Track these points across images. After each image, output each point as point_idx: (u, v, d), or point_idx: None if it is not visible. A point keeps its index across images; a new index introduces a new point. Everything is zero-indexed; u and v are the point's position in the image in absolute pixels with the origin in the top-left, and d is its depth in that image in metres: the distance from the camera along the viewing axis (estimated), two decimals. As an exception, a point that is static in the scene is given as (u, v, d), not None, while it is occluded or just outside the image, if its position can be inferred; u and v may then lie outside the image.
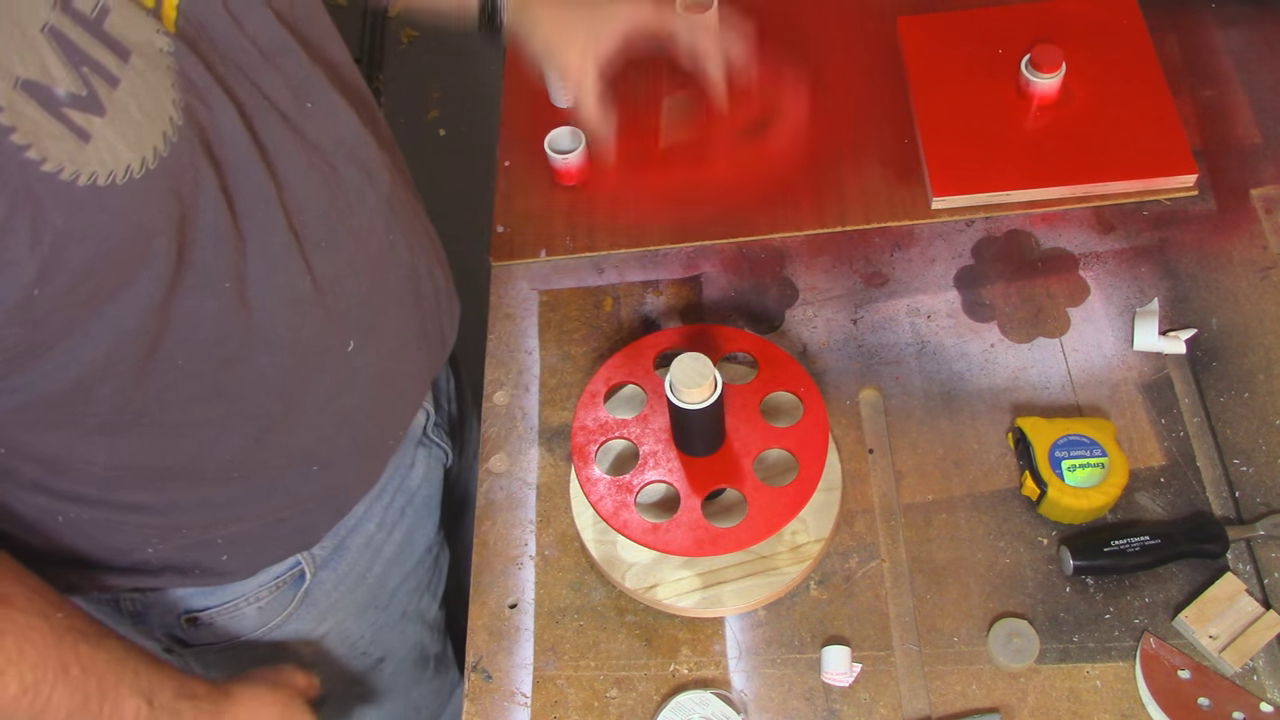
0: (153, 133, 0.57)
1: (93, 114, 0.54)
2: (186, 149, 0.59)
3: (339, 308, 0.75)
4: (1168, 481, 0.88)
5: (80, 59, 0.53)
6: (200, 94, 0.60)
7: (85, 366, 0.61)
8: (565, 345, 1.01)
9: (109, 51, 0.55)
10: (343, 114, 0.73)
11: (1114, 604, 0.83)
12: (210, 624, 0.86)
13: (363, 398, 0.82)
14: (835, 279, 1.01)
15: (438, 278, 0.90)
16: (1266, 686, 0.79)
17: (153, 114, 0.57)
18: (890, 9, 1.17)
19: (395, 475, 0.94)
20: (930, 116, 1.07)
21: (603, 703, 0.84)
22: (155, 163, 0.57)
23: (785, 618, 0.86)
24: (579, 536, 0.90)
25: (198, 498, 0.76)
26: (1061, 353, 0.95)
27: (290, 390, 0.74)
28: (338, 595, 0.92)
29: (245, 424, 0.74)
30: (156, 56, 0.57)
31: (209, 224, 0.62)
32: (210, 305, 0.65)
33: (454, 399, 1.07)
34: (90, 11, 0.54)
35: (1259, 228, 0.99)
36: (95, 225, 0.55)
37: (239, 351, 0.69)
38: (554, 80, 1.13)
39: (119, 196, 0.55)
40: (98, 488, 0.71)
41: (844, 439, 0.93)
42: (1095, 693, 0.80)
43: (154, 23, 0.58)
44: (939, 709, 0.81)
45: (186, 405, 0.69)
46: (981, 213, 1.03)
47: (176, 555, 0.79)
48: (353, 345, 0.78)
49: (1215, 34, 1.12)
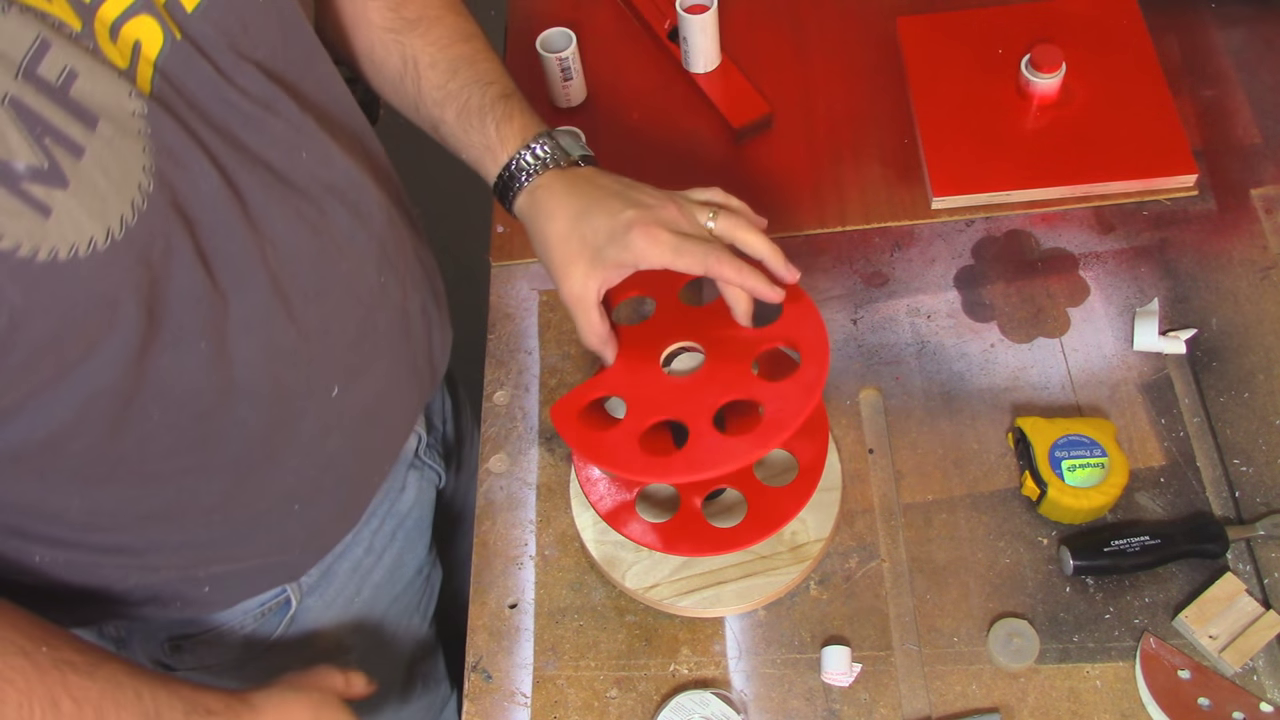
0: (119, 202, 0.55)
1: (55, 187, 0.52)
2: (157, 215, 0.57)
3: (324, 355, 0.73)
4: (1168, 481, 0.88)
5: (43, 129, 0.51)
6: (175, 156, 0.58)
7: (56, 424, 0.60)
8: (565, 345, 1.01)
9: (74, 120, 0.53)
10: (336, 158, 0.72)
11: (1114, 604, 0.83)
12: (194, 650, 0.85)
13: (348, 438, 0.80)
14: (835, 279, 1.01)
15: (430, 312, 0.88)
16: (1266, 686, 0.79)
17: (120, 183, 0.55)
18: (890, 9, 1.17)
19: (385, 500, 0.92)
20: (930, 116, 1.07)
21: (603, 703, 0.84)
22: (121, 233, 0.55)
23: (785, 618, 0.86)
24: (579, 536, 0.90)
25: (178, 540, 0.75)
26: (1061, 353, 0.95)
27: (271, 436, 0.73)
28: (324, 619, 0.91)
29: (225, 470, 0.72)
30: (127, 121, 0.55)
31: (182, 286, 0.60)
32: (187, 362, 0.63)
33: (450, 418, 1.05)
34: (56, 78, 0.52)
35: (1259, 228, 0.99)
36: (57, 299, 0.54)
37: (218, 403, 0.67)
38: (554, 79, 1.13)
39: (82, 269, 0.53)
40: (74, 531, 0.69)
41: (844, 439, 0.93)
42: (1095, 693, 0.80)
43: (126, 85, 0.56)
44: (939, 709, 0.81)
45: (164, 456, 0.67)
46: (981, 213, 1.03)
47: (158, 590, 0.77)
48: (337, 390, 0.76)
49: (1215, 34, 1.12)
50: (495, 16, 1.28)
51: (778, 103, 1.12)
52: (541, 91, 1.15)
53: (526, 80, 1.17)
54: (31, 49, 0.51)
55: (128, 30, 0.57)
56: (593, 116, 1.15)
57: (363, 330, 0.77)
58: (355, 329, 0.76)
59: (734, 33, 1.18)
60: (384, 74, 0.85)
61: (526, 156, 0.80)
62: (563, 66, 1.11)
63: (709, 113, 1.13)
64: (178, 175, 0.59)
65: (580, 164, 0.81)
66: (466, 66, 0.83)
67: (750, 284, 0.76)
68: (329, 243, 0.71)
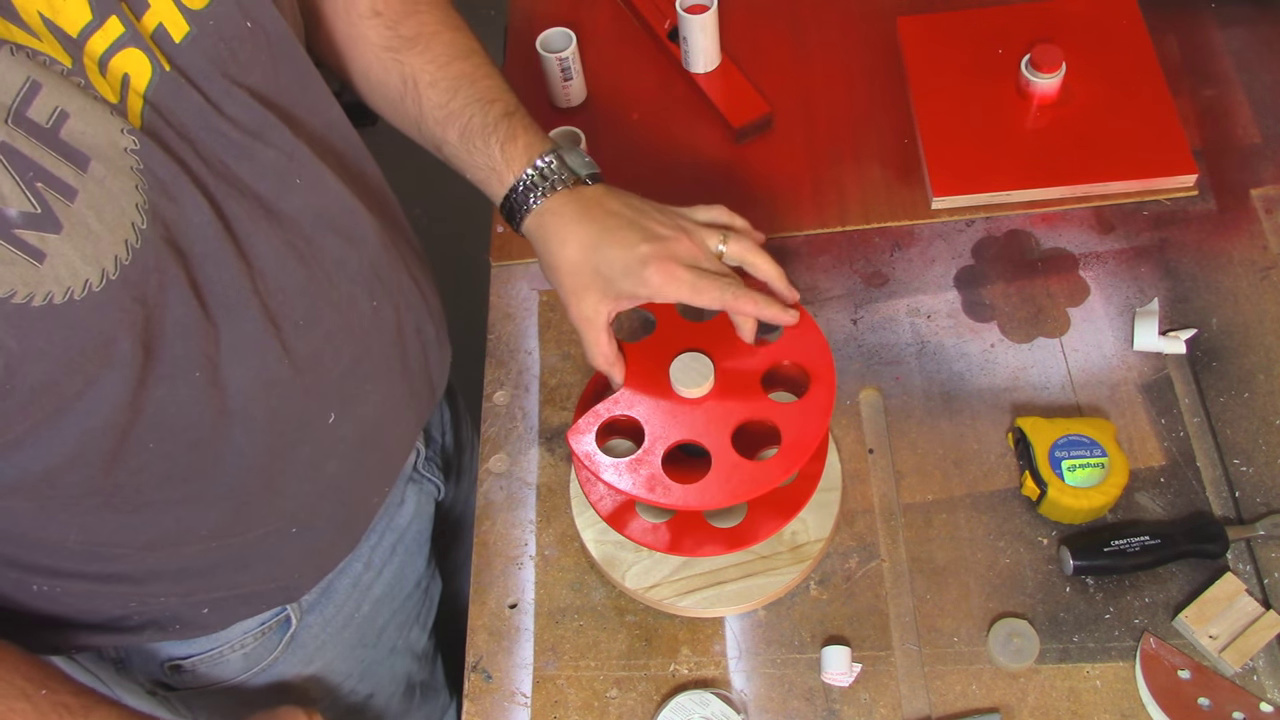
0: (113, 243, 0.54)
1: (48, 232, 0.52)
2: (151, 252, 0.57)
3: (319, 383, 0.73)
4: (1168, 481, 0.88)
5: (34, 174, 0.51)
6: (167, 190, 0.58)
7: (53, 458, 0.60)
8: (565, 345, 1.01)
9: (66, 162, 0.52)
10: (329, 184, 0.71)
11: (1114, 604, 0.83)
12: (194, 670, 0.85)
13: (346, 463, 0.80)
14: (835, 279, 1.01)
15: (427, 332, 0.87)
16: (1266, 686, 0.79)
17: (113, 224, 0.54)
18: (890, 9, 1.17)
19: (384, 515, 0.92)
20: (930, 116, 1.07)
21: (603, 703, 0.84)
22: (116, 273, 0.55)
23: (785, 618, 0.86)
24: (579, 536, 0.90)
25: (176, 568, 0.74)
26: (1061, 353, 0.95)
27: (269, 465, 0.73)
28: (325, 637, 0.91)
29: (222, 498, 0.72)
30: (119, 158, 0.55)
31: (177, 319, 0.60)
32: (182, 393, 0.63)
33: (449, 428, 1.05)
34: (46, 120, 0.52)
35: (1259, 228, 0.99)
36: (53, 343, 0.54)
37: (213, 432, 0.67)
38: (554, 79, 1.13)
39: (78, 311, 0.53)
40: (73, 561, 0.70)
41: (844, 439, 0.93)
42: (1095, 693, 0.80)
43: (118, 121, 0.55)
44: (939, 709, 0.81)
45: (160, 484, 0.67)
46: (981, 213, 1.03)
47: (157, 615, 0.77)
48: (334, 417, 0.75)
49: (1215, 34, 1.12)
50: (495, 16, 1.27)
51: (778, 103, 1.12)
52: (541, 91, 1.15)
53: (526, 80, 1.17)
54: (21, 92, 0.51)
55: (116, 63, 0.56)
56: (593, 116, 1.15)
57: (357, 357, 0.76)
58: (349, 356, 0.75)
59: (734, 33, 1.18)
60: (383, 94, 0.84)
61: (533, 177, 0.79)
62: (563, 66, 1.11)
63: (709, 113, 1.13)
64: (169, 208, 0.58)
65: (588, 182, 0.80)
66: (468, 85, 0.82)
67: (768, 315, 0.77)
68: (318, 272, 0.71)
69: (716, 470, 0.76)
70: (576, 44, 1.11)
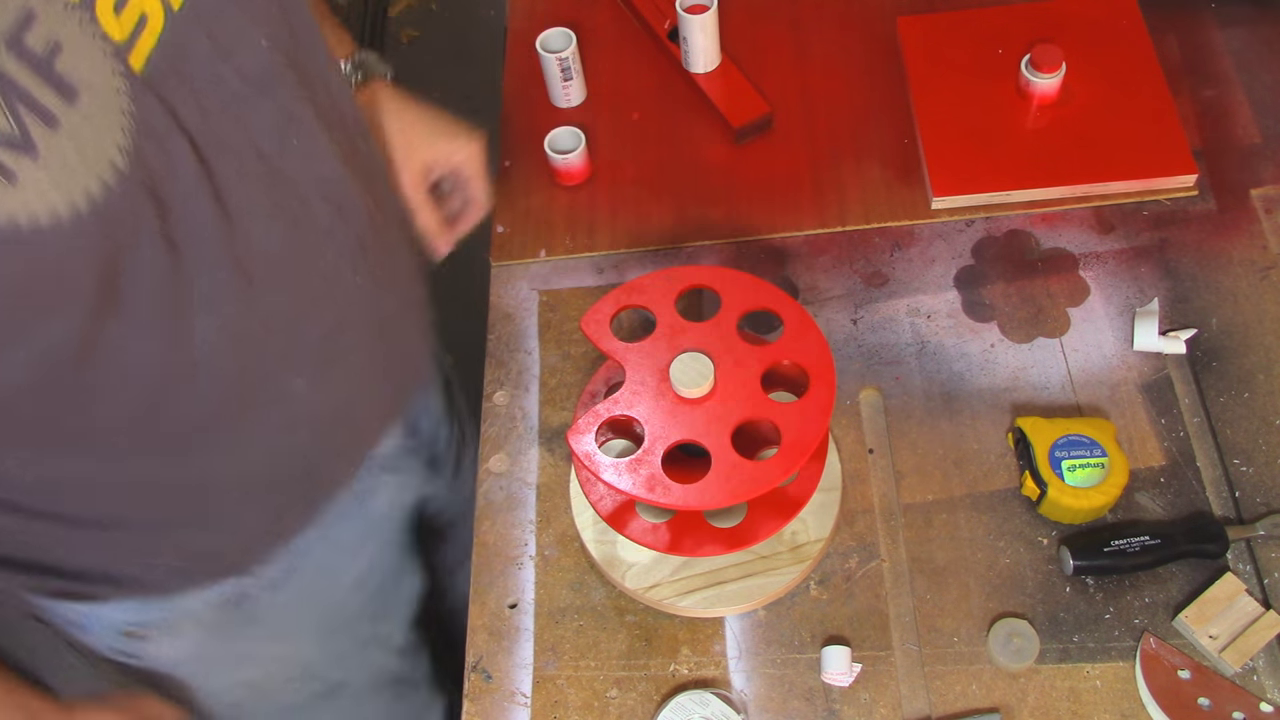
0: (88, 177, 0.55)
1: (23, 155, 0.52)
2: (127, 194, 0.57)
3: (291, 347, 0.74)
4: (1168, 481, 0.88)
5: (19, 97, 0.51)
6: (156, 136, 0.58)
7: (8, 386, 0.60)
8: (565, 345, 1.01)
9: (53, 92, 0.53)
10: (325, 151, 0.72)
11: (1114, 604, 0.83)
12: (150, 638, 0.84)
13: (312, 434, 0.80)
14: (835, 279, 1.01)
15: (410, 318, 0.88)
16: (1266, 686, 0.79)
17: (92, 160, 0.55)
18: (890, 9, 1.17)
19: (354, 501, 0.92)
20: (930, 116, 1.07)
21: (603, 703, 0.84)
22: (88, 208, 0.55)
23: (785, 618, 0.86)
24: (579, 536, 0.90)
25: (134, 516, 0.75)
26: (1061, 353, 0.95)
27: (234, 421, 0.73)
28: (289, 617, 0.91)
29: (185, 450, 0.72)
30: (110, 97, 0.55)
31: (145, 262, 0.60)
32: (143, 335, 0.63)
33: (443, 423, 1.05)
34: (42, 49, 0.52)
35: (1259, 228, 0.99)
36: (12, 264, 0.53)
37: (176, 382, 0.67)
38: (554, 79, 1.13)
39: (43, 239, 0.53)
40: (28, 497, 0.70)
41: (844, 439, 0.93)
42: (1095, 693, 0.80)
43: (115, 63, 0.56)
44: (939, 709, 0.81)
45: (119, 429, 0.67)
46: (981, 213, 1.03)
47: (109, 567, 0.78)
48: (304, 383, 0.76)
49: (1215, 34, 1.12)
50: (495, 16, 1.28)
51: (778, 103, 1.12)
52: (541, 91, 1.15)
53: (526, 80, 1.17)
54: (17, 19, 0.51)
55: (135, 3, 0.57)
56: (593, 116, 1.15)
57: (335, 327, 0.77)
58: (327, 325, 0.76)
59: (734, 33, 1.18)
60: None
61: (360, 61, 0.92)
62: (563, 66, 1.11)
63: (709, 112, 1.13)
64: (156, 155, 0.59)
65: None
66: None
67: None
68: (309, 235, 0.71)
69: (716, 470, 0.76)
70: (576, 44, 1.11)
